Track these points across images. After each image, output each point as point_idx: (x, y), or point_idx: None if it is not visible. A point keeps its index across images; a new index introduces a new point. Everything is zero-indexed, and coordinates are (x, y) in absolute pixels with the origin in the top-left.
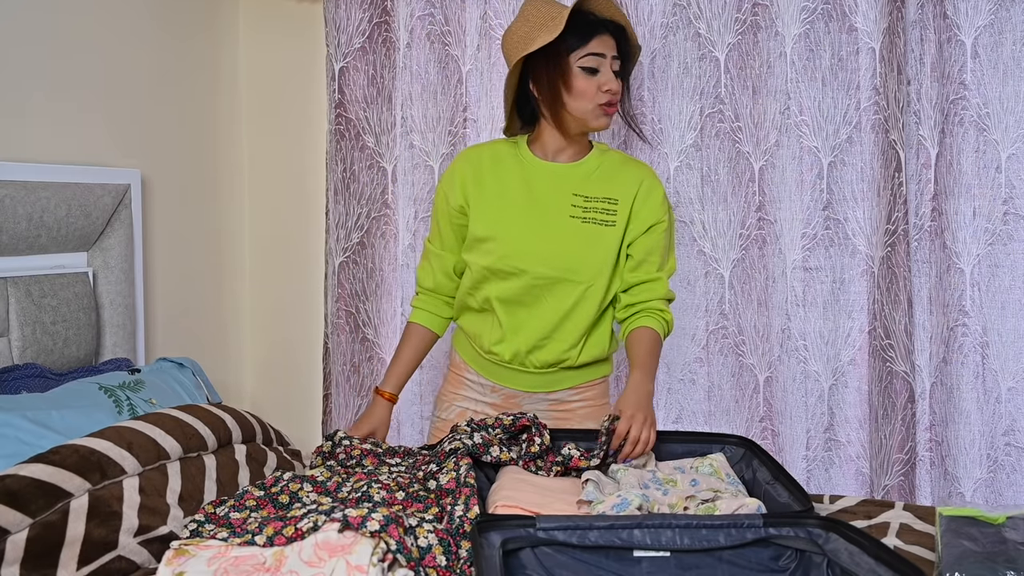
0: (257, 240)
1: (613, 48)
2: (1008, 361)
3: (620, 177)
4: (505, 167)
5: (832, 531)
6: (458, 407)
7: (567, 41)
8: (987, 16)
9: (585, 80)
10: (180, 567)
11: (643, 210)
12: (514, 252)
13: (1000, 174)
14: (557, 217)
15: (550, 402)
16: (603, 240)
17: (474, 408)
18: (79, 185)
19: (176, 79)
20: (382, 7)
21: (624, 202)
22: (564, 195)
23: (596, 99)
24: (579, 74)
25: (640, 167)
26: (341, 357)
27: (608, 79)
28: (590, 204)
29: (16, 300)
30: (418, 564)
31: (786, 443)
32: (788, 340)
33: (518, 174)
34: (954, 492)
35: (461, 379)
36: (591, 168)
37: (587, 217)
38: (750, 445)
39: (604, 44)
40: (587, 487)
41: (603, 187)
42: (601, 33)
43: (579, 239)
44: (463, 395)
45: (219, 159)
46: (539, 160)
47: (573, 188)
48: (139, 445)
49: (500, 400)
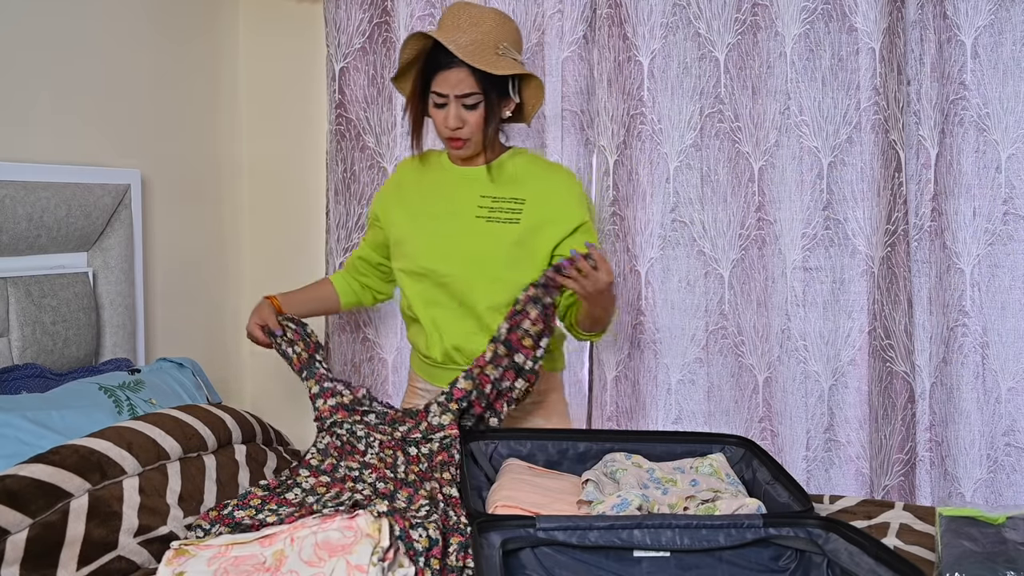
0: (257, 240)
1: (463, 83)
2: (1008, 361)
3: (529, 179)
4: (426, 176)
5: (832, 531)
6: None
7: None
8: (987, 16)
9: (435, 111)
10: (180, 567)
11: (561, 213)
12: (421, 253)
13: (1000, 174)
14: (464, 218)
15: None
16: (504, 236)
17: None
18: (79, 185)
19: (176, 79)
20: (382, 7)
21: (531, 203)
22: (472, 197)
23: (442, 132)
24: (432, 103)
25: (553, 169)
26: (341, 357)
27: (447, 116)
28: (496, 204)
29: (16, 300)
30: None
31: (786, 443)
32: (788, 340)
33: (435, 181)
34: (954, 492)
35: (415, 389)
36: (501, 170)
37: (492, 216)
38: (750, 445)
39: (447, 82)
40: (587, 487)
41: (511, 188)
42: (446, 68)
43: (481, 237)
44: (416, 404)
45: (219, 159)
46: (454, 166)
47: (481, 190)
48: (139, 445)
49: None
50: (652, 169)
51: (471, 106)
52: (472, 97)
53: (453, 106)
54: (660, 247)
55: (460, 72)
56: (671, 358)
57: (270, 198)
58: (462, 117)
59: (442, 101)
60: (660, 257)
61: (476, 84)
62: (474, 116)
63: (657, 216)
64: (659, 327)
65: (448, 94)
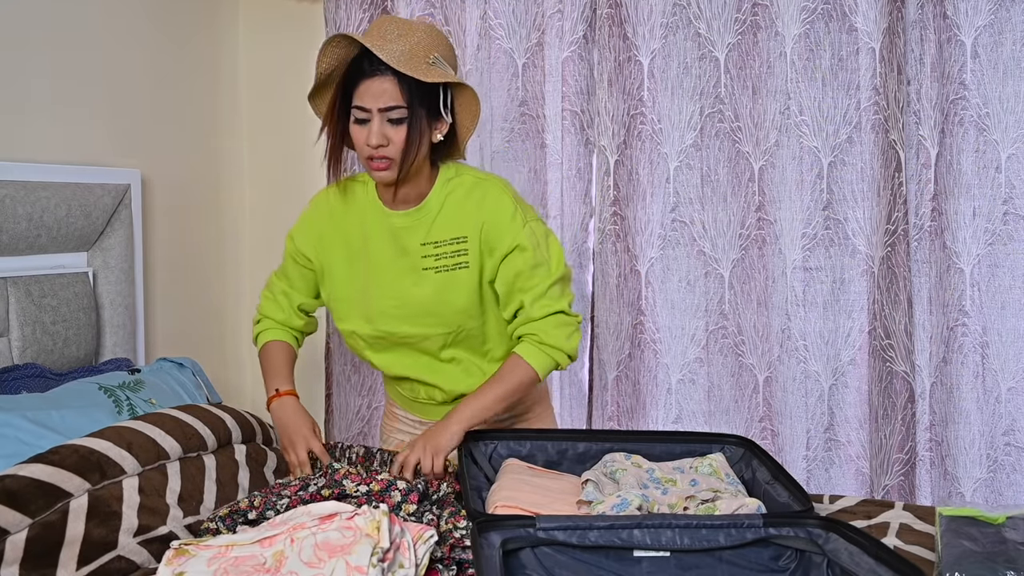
0: (257, 240)
1: (388, 95)
2: (1008, 361)
3: (463, 210)
4: (351, 222)
5: (832, 531)
6: (396, 439)
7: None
8: (987, 16)
9: (355, 128)
10: (180, 567)
11: (491, 240)
12: (376, 315)
13: (1000, 174)
14: (409, 273)
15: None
16: (458, 285)
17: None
18: (79, 185)
19: (176, 79)
20: (382, 7)
21: (472, 237)
22: (414, 247)
23: (363, 151)
24: (352, 120)
25: (480, 189)
26: (342, 357)
27: (370, 133)
28: (440, 249)
29: (16, 300)
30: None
31: (786, 443)
32: (788, 340)
33: (364, 229)
34: (954, 492)
35: (394, 413)
36: (434, 208)
37: (439, 266)
38: (750, 445)
39: (369, 93)
40: (587, 487)
41: (449, 227)
42: (371, 77)
43: (435, 290)
44: (398, 428)
45: (219, 159)
46: (385, 209)
47: (421, 237)
48: (139, 445)
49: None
50: (652, 169)
51: (396, 121)
52: (397, 111)
53: (376, 121)
54: (660, 247)
55: (384, 82)
56: (671, 358)
57: (270, 198)
58: (386, 134)
59: (364, 116)
60: (660, 257)
61: (402, 96)
62: (399, 134)
63: (657, 216)
64: (659, 327)
65: (371, 108)
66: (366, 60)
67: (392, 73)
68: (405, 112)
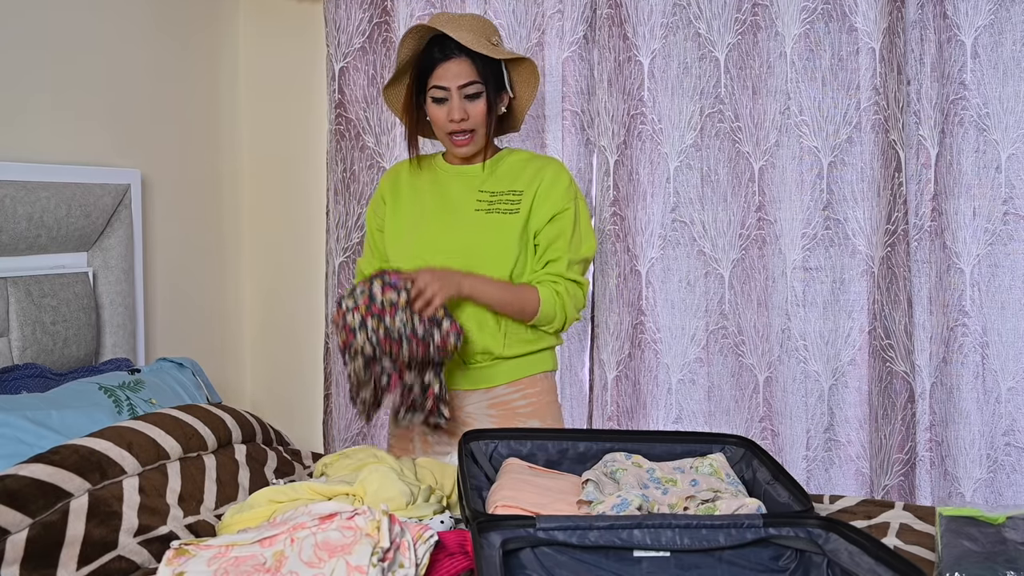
0: (257, 240)
1: (464, 73)
2: (1008, 361)
3: (525, 171)
4: (420, 178)
5: (832, 531)
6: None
7: (420, 69)
8: (987, 16)
9: (435, 108)
10: (180, 567)
11: (546, 200)
12: (422, 250)
13: (1000, 174)
14: (463, 213)
15: (490, 400)
16: (505, 226)
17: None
18: (79, 185)
19: (176, 79)
20: (382, 7)
21: (528, 192)
22: (471, 193)
23: (445, 127)
24: (430, 103)
25: (545, 160)
26: (341, 357)
27: (452, 108)
28: (495, 198)
29: (16, 300)
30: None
31: (786, 443)
32: (788, 340)
33: (431, 182)
34: (954, 492)
35: None
36: (497, 167)
37: (492, 209)
38: (750, 445)
39: (448, 73)
40: (587, 487)
41: (508, 182)
42: (447, 60)
43: (482, 228)
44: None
45: (219, 159)
46: (449, 166)
47: (479, 186)
48: (139, 445)
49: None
50: (652, 169)
51: (472, 96)
52: (473, 86)
53: (456, 98)
54: (660, 247)
55: (460, 63)
56: (671, 358)
57: (270, 198)
58: (465, 109)
59: (443, 95)
60: (660, 257)
61: (476, 73)
62: (477, 108)
63: (657, 216)
64: (659, 327)
65: (450, 86)
66: (436, 48)
67: (465, 54)
68: (480, 87)
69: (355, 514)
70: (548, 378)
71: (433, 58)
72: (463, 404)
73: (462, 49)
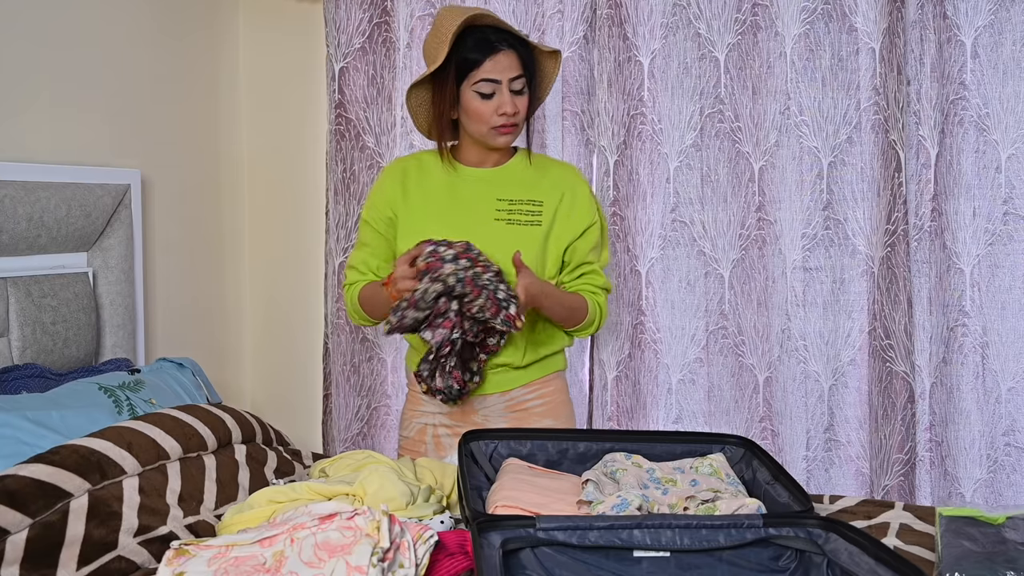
0: (257, 240)
1: (513, 66)
2: (1008, 361)
3: (544, 180)
4: (430, 176)
5: (832, 531)
6: (418, 424)
7: (463, 61)
8: (987, 16)
9: (480, 103)
10: (180, 567)
11: (573, 213)
12: None
13: (1000, 174)
14: (482, 221)
15: (506, 403)
16: (527, 238)
17: (433, 423)
18: (79, 185)
19: (176, 79)
20: (382, 7)
21: (549, 204)
22: (489, 199)
23: (492, 121)
24: (474, 97)
25: (564, 169)
26: (341, 357)
27: (503, 102)
28: (514, 207)
29: (16, 300)
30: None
31: (786, 443)
32: (788, 340)
33: (443, 182)
34: (954, 492)
35: (417, 396)
36: (514, 172)
37: (512, 219)
38: (750, 445)
39: (499, 66)
40: (587, 487)
41: (527, 190)
42: (496, 52)
43: (504, 240)
44: (421, 411)
45: (219, 159)
46: (463, 167)
47: (497, 192)
48: (139, 445)
49: (456, 409)
50: (652, 169)
51: (518, 91)
52: (519, 81)
53: (507, 91)
54: (660, 247)
55: (509, 55)
56: (671, 358)
57: (270, 198)
58: (514, 102)
59: (491, 90)
60: (660, 257)
61: (523, 67)
62: (523, 101)
63: (657, 216)
64: (659, 327)
65: (501, 79)
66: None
67: (511, 47)
68: (524, 82)
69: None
70: (560, 377)
71: (483, 51)
72: (479, 407)
73: (509, 42)
